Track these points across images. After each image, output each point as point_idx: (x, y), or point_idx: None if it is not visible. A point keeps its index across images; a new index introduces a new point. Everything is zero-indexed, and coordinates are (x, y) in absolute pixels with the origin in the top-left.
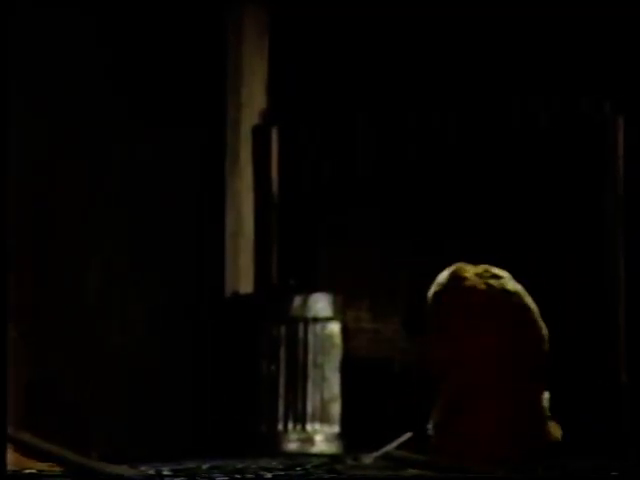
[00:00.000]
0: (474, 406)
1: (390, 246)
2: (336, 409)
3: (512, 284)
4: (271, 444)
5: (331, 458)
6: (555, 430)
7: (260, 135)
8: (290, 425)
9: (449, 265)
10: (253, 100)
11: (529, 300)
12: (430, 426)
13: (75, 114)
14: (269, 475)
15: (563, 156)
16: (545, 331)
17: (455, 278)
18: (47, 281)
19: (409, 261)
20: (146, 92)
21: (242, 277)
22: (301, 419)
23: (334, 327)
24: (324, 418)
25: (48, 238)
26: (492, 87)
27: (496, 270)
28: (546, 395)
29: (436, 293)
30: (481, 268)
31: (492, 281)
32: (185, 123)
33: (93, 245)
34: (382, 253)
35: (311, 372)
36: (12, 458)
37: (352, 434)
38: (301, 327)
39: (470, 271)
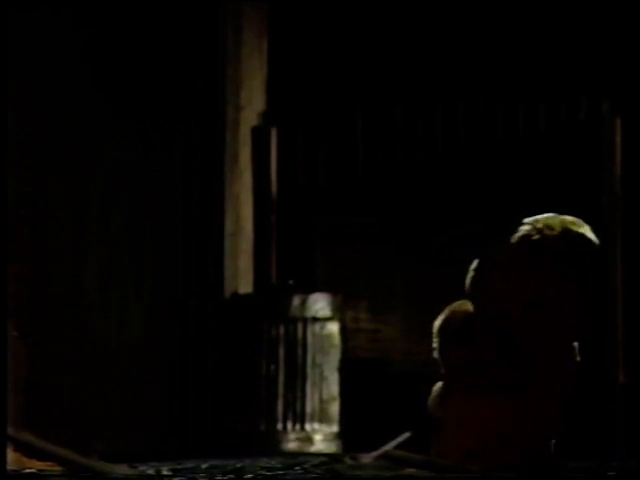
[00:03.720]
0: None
1: (389, 246)
2: (335, 409)
3: None
4: (270, 443)
5: (330, 458)
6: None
7: (259, 136)
8: (289, 425)
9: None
10: (252, 101)
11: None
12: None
13: (77, 115)
14: (268, 474)
15: (562, 156)
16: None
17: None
18: (46, 281)
19: (408, 261)
20: (147, 94)
21: (241, 277)
22: (300, 419)
23: (333, 327)
24: (323, 418)
25: (46, 239)
26: (491, 88)
27: None
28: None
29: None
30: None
31: None
32: (185, 124)
33: (91, 246)
34: (381, 253)
35: (310, 372)
36: (12, 458)
37: (351, 434)
38: (300, 327)
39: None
